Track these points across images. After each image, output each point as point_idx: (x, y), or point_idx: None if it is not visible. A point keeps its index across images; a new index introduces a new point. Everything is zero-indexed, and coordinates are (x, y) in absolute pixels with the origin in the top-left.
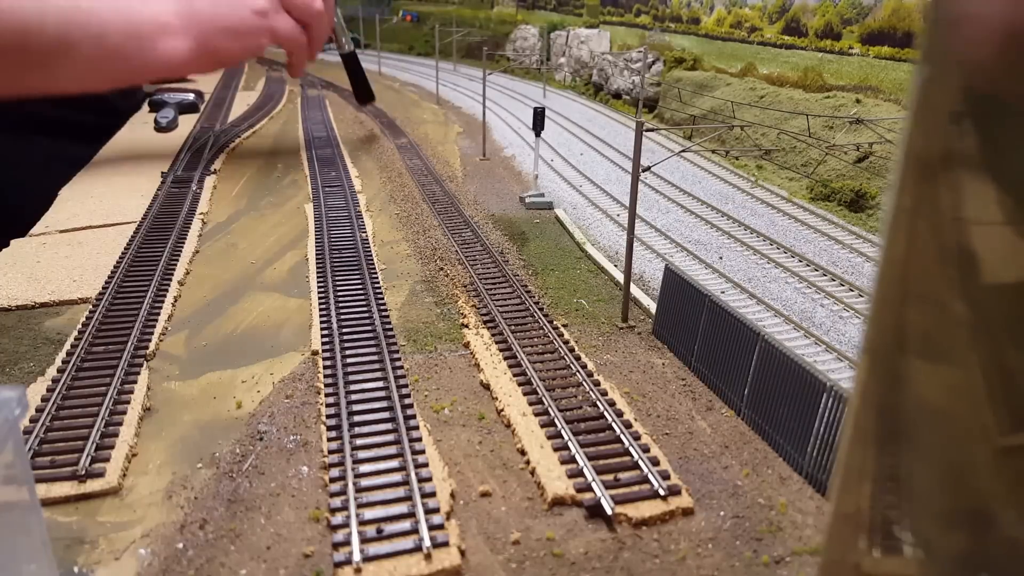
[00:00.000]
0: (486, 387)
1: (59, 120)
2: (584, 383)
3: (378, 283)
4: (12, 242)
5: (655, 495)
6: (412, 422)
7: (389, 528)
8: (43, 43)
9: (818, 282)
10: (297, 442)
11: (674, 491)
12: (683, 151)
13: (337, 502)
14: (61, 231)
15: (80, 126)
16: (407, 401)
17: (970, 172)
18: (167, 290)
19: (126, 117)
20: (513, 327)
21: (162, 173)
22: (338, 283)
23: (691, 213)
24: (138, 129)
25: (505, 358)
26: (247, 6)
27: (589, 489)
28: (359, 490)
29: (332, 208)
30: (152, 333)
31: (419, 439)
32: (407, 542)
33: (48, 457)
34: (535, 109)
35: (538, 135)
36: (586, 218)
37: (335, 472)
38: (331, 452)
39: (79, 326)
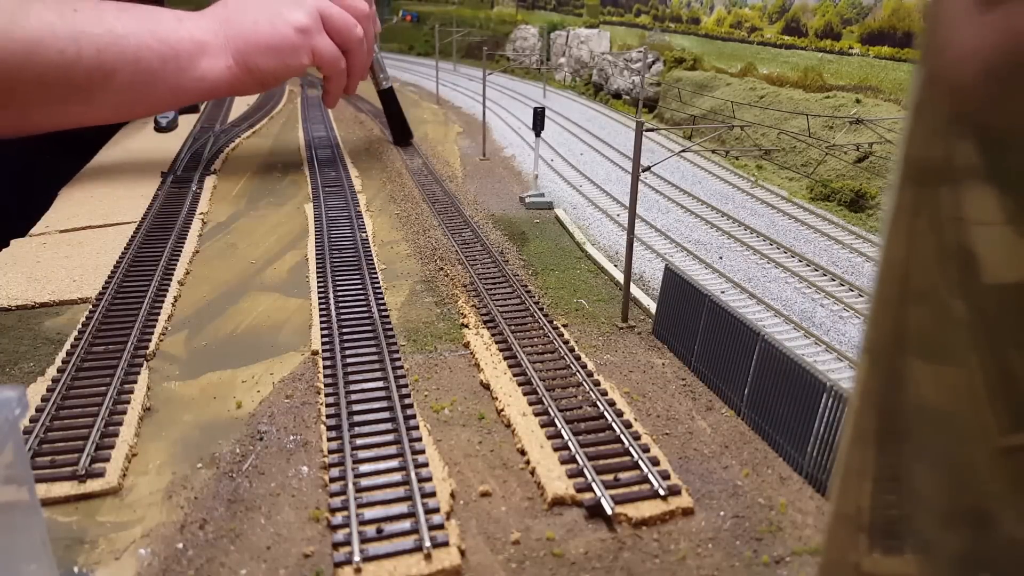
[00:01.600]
0: (486, 387)
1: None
2: (584, 383)
3: (378, 283)
4: (12, 242)
5: (655, 495)
6: (412, 422)
7: (389, 528)
8: (81, 71)
9: (818, 282)
10: (297, 442)
11: (674, 491)
12: (683, 151)
13: (337, 502)
14: (61, 231)
15: (77, 138)
16: (407, 401)
17: (969, 172)
18: (167, 290)
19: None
20: (513, 327)
21: (162, 173)
22: (338, 283)
23: (691, 213)
24: (138, 129)
25: (505, 358)
26: (287, 23)
27: (589, 489)
28: (359, 490)
29: (332, 208)
30: (152, 333)
31: (419, 439)
32: (407, 542)
33: (48, 457)
34: (535, 109)
35: (538, 135)
36: (586, 218)
37: (335, 472)
38: (331, 452)
39: (79, 326)
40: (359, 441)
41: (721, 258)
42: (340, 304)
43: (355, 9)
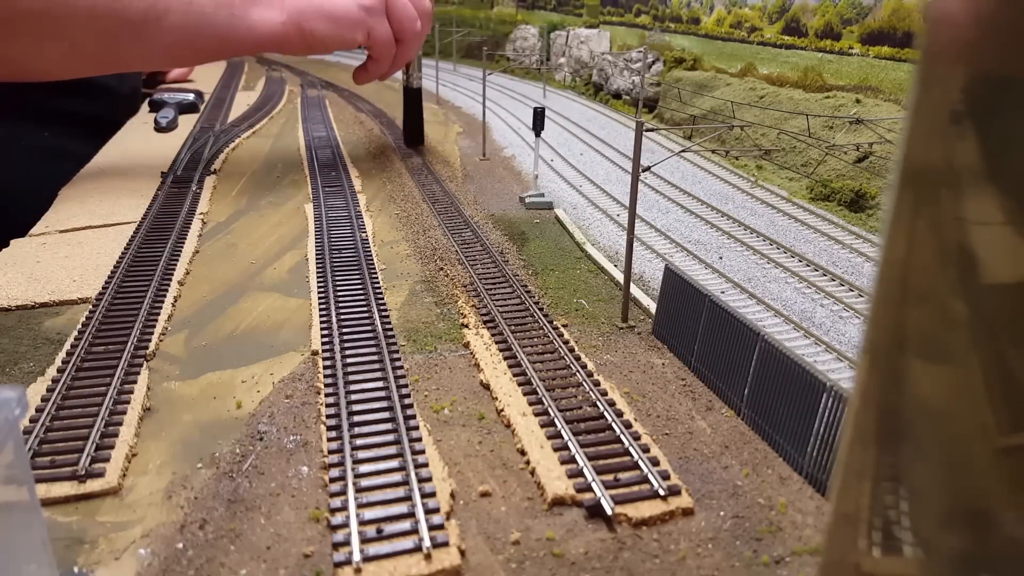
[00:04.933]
0: (486, 387)
1: (57, 110)
2: (584, 383)
3: (378, 283)
4: (12, 242)
5: (655, 495)
6: (412, 422)
7: (389, 528)
8: (136, 7)
9: (818, 282)
10: (297, 442)
11: (674, 491)
12: (683, 151)
13: (337, 502)
14: (61, 231)
15: (77, 116)
16: (407, 401)
17: (970, 172)
18: (167, 290)
19: (123, 108)
20: (513, 327)
21: (162, 173)
22: (338, 283)
23: (691, 213)
24: (138, 129)
25: (505, 358)
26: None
27: (589, 489)
28: (359, 490)
29: (332, 208)
30: (152, 333)
31: (419, 439)
32: (407, 542)
33: (48, 457)
34: (535, 109)
35: (538, 135)
36: (586, 218)
37: (335, 472)
38: (331, 452)
39: (79, 326)
40: (359, 441)
41: (721, 258)
42: (340, 304)
43: (420, 5)
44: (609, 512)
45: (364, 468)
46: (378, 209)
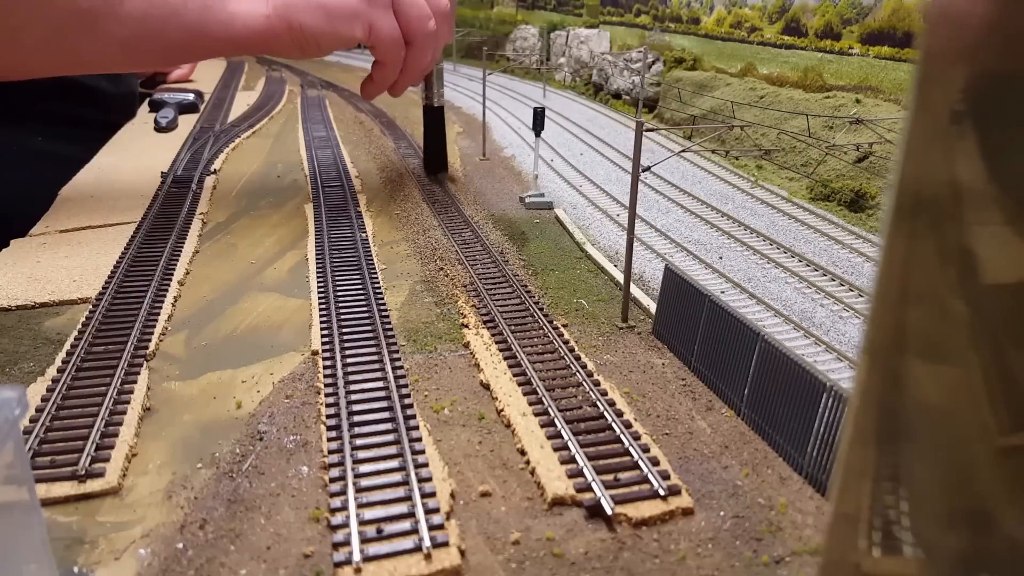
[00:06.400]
0: (486, 387)
1: (52, 114)
2: (584, 383)
3: (378, 283)
4: (12, 242)
5: (655, 495)
6: (412, 422)
7: (389, 528)
8: None
9: (818, 282)
10: (297, 442)
11: (674, 491)
12: (683, 151)
13: (337, 502)
14: (61, 231)
15: (73, 119)
16: (407, 401)
17: (970, 173)
18: (167, 290)
19: (119, 111)
20: (513, 327)
21: (162, 173)
22: (338, 283)
23: (691, 213)
24: (138, 129)
25: (505, 358)
26: None
27: (589, 489)
28: (359, 490)
29: (332, 208)
30: (152, 333)
31: (419, 439)
32: (407, 542)
33: (48, 457)
34: (535, 109)
35: (538, 135)
36: (586, 218)
37: (335, 472)
38: (331, 452)
39: (79, 326)
40: (359, 441)
41: (721, 258)
42: (340, 304)
43: (435, 2)
44: (609, 512)
45: (364, 468)
46: (378, 209)
